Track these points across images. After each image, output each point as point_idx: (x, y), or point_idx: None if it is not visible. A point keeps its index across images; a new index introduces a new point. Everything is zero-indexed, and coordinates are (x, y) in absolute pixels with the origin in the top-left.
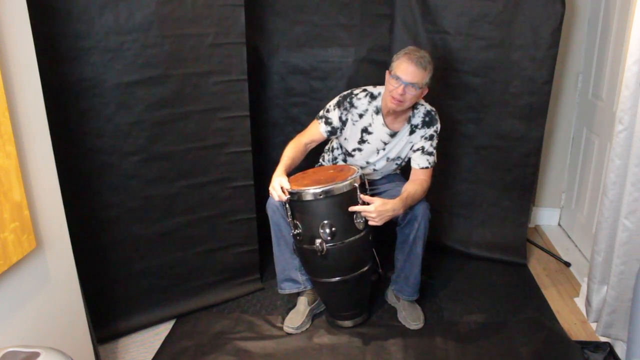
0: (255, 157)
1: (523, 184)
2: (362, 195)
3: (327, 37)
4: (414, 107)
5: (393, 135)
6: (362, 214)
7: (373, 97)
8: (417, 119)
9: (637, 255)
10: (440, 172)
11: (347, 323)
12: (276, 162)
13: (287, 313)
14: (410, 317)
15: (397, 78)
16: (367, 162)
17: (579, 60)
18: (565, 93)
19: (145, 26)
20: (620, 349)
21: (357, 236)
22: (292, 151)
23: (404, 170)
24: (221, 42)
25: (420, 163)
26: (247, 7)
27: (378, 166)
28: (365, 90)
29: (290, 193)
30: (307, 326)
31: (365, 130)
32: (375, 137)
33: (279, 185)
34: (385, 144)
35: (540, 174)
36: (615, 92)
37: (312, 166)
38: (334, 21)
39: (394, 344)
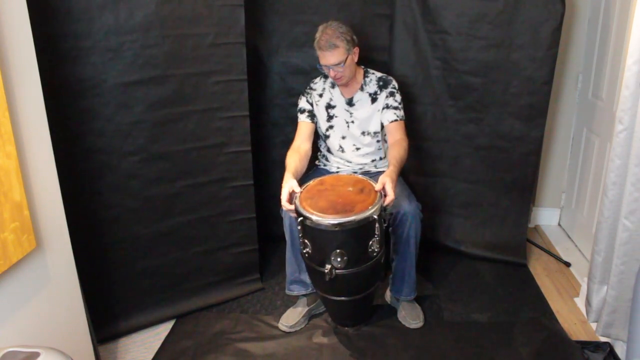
0: (255, 157)
1: (523, 184)
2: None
3: None
4: (364, 76)
5: (350, 103)
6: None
7: (326, 76)
8: (372, 87)
9: (637, 255)
10: (440, 172)
11: (348, 329)
12: (276, 162)
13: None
14: (410, 316)
15: (324, 66)
16: (343, 138)
17: (579, 60)
18: (565, 93)
19: (145, 26)
20: (620, 349)
21: (369, 263)
22: (291, 157)
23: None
24: (221, 42)
25: (389, 117)
26: (247, 7)
27: (363, 143)
28: (321, 76)
29: (302, 215)
30: (302, 326)
31: (329, 106)
32: (338, 109)
33: (288, 193)
34: (351, 113)
35: (540, 174)
36: (615, 92)
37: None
38: None
39: (394, 344)
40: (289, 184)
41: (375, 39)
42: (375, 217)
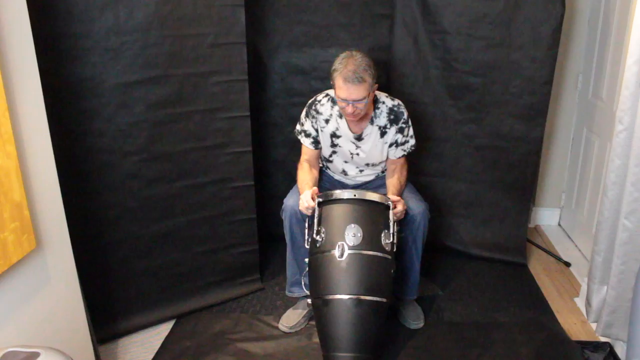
0: (255, 157)
1: (523, 184)
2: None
3: (327, 37)
4: (374, 107)
5: (358, 138)
6: (396, 211)
7: (334, 101)
8: (382, 120)
9: (637, 255)
10: (440, 172)
11: None
12: (277, 162)
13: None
14: (411, 316)
15: (342, 99)
16: (345, 163)
17: (579, 60)
18: (565, 93)
19: (145, 26)
20: (620, 349)
21: (379, 254)
22: (303, 174)
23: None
24: (221, 42)
25: (396, 154)
26: (247, 7)
27: (365, 173)
28: (327, 95)
29: (324, 195)
30: (302, 327)
31: (333, 135)
32: (344, 140)
33: (310, 197)
34: (357, 146)
35: (540, 174)
36: (615, 92)
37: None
38: (334, 21)
39: (394, 344)
40: (309, 191)
41: (375, 39)
42: (390, 204)
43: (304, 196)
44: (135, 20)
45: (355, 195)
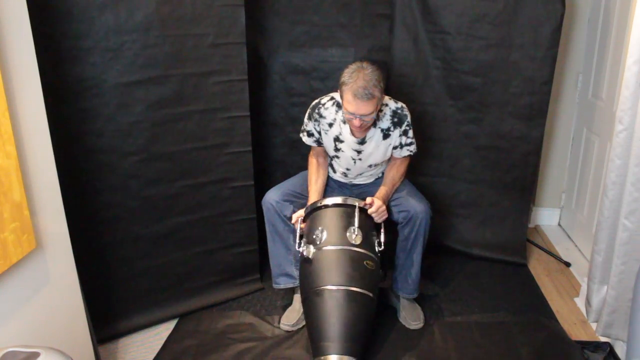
0: (255, 157)
1: (523, 184)
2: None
3: (327, 37)
4: (378, 110)
5: (362, 142)
6: (372, 211)
7: (339, 105)
8: (386, 123)
9: (637, 255)
10: (440, 172)
11: (332, 358)
12: (276, 162)
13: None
14: (410, 316)
15: (350, 113)
16: (347, 169)
17: (579, 60)
18: (565, 93)
19: (145, 26)
20: (620, 349)
21: (346, 247)
22: (312, 172)
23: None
24: (221, 42)
25: (402, 153)
26: (247, 7)
27: (366, 175)
28: (332, 98)
29: (305, 210)
30: (303, 323)
31: (337, 139)
32: (346, 145)
33: (297, 221)
34: (359, 152)
35: (540, 174)
36: (615, 92)
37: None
38: (334, 21)
39: (394, 344)
40: (295, 215)
41: (375, 39)
42: (356, 204)
43: (294, 218)
44: (135, 20)
45: (321, 203)
